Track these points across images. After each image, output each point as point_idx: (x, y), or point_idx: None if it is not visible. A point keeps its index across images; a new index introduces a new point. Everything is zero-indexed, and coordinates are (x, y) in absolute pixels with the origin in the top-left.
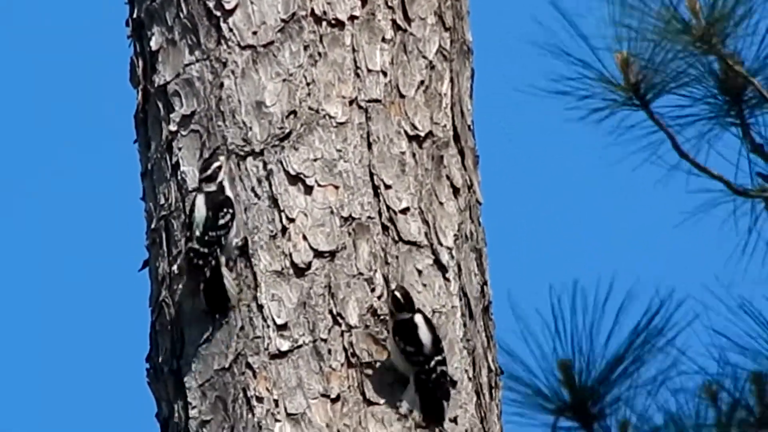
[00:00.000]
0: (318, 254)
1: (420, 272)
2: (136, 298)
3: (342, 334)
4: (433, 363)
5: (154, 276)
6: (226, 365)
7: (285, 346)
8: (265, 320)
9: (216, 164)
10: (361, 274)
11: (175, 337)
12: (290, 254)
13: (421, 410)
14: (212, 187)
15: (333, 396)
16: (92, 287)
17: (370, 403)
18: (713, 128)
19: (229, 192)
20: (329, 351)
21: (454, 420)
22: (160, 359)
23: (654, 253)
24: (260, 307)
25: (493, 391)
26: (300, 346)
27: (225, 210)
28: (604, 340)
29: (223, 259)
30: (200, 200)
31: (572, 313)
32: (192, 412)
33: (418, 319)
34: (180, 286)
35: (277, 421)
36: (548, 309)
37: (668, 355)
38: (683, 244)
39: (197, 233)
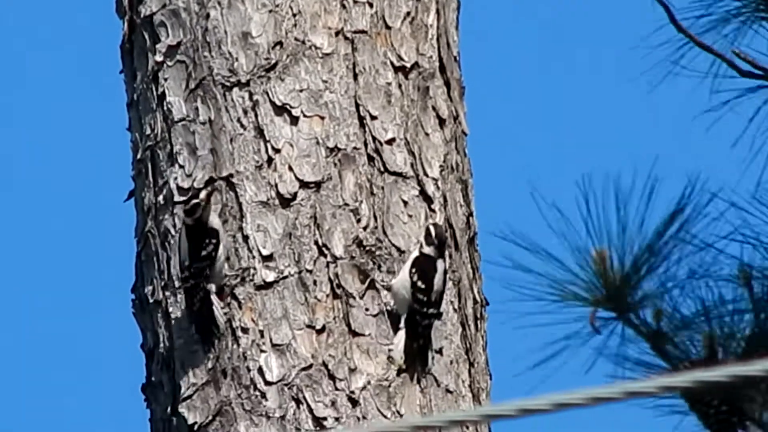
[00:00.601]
0: (303, 185)
1: (405, 203)
2: (122, 228)
3: (327, 265)
4: (432, 310)
5: (140, 207)
6: None
7: (270, 276)
8: (250, 251)
9: (195, 201)
10: (346, 204)
11: (161, 267)
12: (276, 185)
13: (404, 352)
14: (190, 221)
15: (318, 327)
16: (78, 218)
17: (355, 334)
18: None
19: (213, 223)
20: (314, 282)
21: (440, 351)
22: (145, 290)
23: (686, 145)
24: (246, 238)
25: (478, 322)
26: (285, 277)
27: (207, 241)
28: (636, 231)
29: (212, 287)
30: (183, 233)
31: (603, 206)
32: (177, 342)
33: (440, 264)
34: (166, 216)
35: (262, 351)
36: (575, 203)
37: (701, 243)
38: (716, 135)
39: (185, 263)
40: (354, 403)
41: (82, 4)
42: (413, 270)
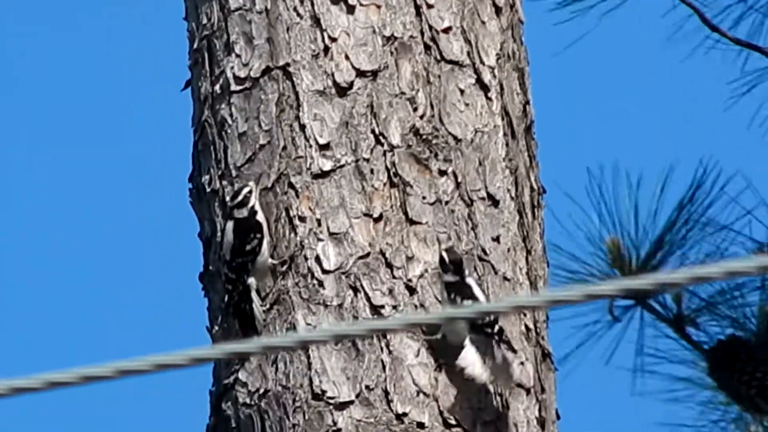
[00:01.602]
0: (360, 74)
1: (462, 92)
2: (179, 118)
3: (384, 154)
4: (492, 316)
5: (196, 96)
6: (269, 185)
7: (327, 165)
8: (307, 140)
9: (246, 189)
10: (403, 93)
11: (218, 156)
12: (332, 74)
13: (485, 363)
14: (243, 213)
15: (375, 215)
16: (136, 106)
17: (412, 222)
18: None
19: (260, 217)
20: (371, 171)
21: (497, 239)
22: (202, 179)
23: (698, 131)
24: (302, 127)
25: (535, 210)
26: (342, 166)
27: (252, 235)
28: (650, 218)
29: (253, 282)
30: (230, 226)
31: (615, 195)
32: None
33: (471, 280)
34: (222, 105)
35: (319, 240)
36: (586, 192)
37: (717, 226)
38: (730, 120)
39: (227, 257)
40: (411, 291)
41: None
42: (451, 296)
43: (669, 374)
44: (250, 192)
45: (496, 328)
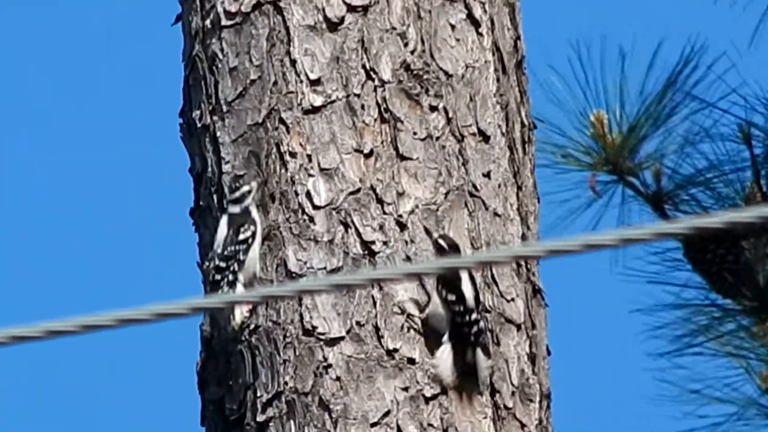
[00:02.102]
0: (351, 8)
1: (453, 27)
2: (170, 52)
3: (375, 90)
4: (474, 316)
5: (187, 31)
6: (260, 120)
7: (318, 101)
8: (298, 75)
9: (245, 188)
10: (394, 28)
11: (209, 91)
12: (323, 8)
13: (454, 369)
14: (236, 210)
15: (366, 151)
16: (125, 40)
17: (403, 158)
18: None
19: (255, 215)
20: (362, 106)
21: (488, 175)
22: (193, 114)
23: (687, 6)
24: (293, 62)
25: (526, 145)
26: (333, 102)
27: (246, 226)
28: (636, 93)
29: (241, 277)
30: (224, 220)
31: (601, 68)
32: (225, 167)
33: (462, 272)
34: (213, 40)
35: (310, 175)
36: (570, 66)
37: (701, 103)
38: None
39: (218, 251)
40: (402, 226)
41: None
42: (438, 287)
43: (648, 253)
44: (249, 192)
45: (475, 329)
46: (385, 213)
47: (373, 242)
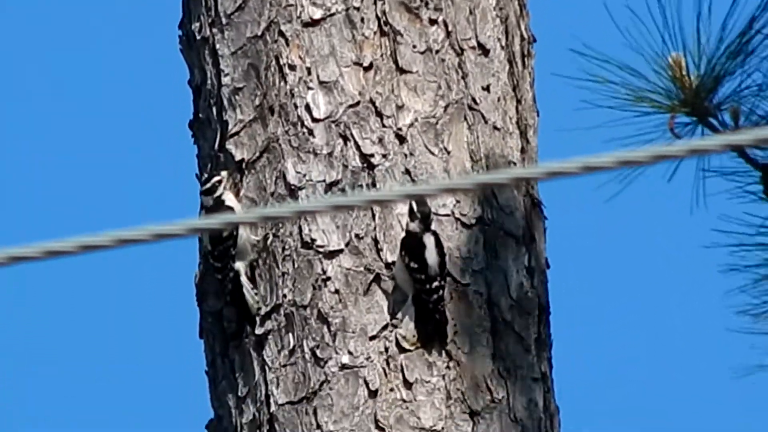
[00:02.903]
0: None
1: None
2: None
3: (375, 2)
4: (435, 284)
5: None
6: (259, 33)
7: (318, 14)
8: None
9: (216, 178)
10: None
11: (208, 4)
12: None
13: (416, 330)
14: (209, 202)
15: (365, 64)
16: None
17: (402, 71)
18: None
19: (230, 202)
20: (362, 19)
21: (487, 88)
22: (192, 26)
23: None
24: None
25: (525, 59)
26: (333, 14)
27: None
28: (714, 35)
29: (241, 266)
30: (202, 215)
31: (677, 9)
32: (224, 80)
33: (428, 239)
34: None
35: (309, 88)
36: (647, 8)
37: None
38: None
39: (208, 248)
40: (401, 140)
41: None
42: (402, 253)
43: (727, 190)
44: (220, 182)
45: (434, 296)
46: (384, 126)
47: (372, 155)
